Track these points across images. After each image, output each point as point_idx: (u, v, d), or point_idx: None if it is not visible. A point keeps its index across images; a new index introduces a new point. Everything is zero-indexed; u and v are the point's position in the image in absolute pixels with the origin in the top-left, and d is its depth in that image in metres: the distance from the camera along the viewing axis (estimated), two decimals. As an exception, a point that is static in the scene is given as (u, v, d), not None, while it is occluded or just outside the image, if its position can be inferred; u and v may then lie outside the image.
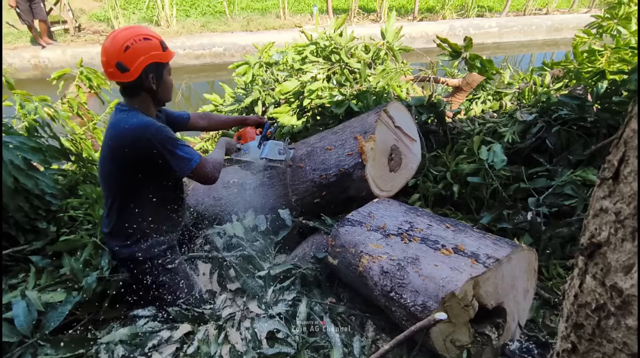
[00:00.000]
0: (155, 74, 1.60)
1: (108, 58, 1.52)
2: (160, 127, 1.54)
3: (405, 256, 1.59)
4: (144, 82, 1.58)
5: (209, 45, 8.30)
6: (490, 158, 2.41)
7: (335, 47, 3.20)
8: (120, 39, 1.50)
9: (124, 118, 1.55)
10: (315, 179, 2.25)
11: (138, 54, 1.52)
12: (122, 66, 1.50)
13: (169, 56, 1.63)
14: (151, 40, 1.55)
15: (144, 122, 1.53)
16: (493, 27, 10.40)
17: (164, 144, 1.52)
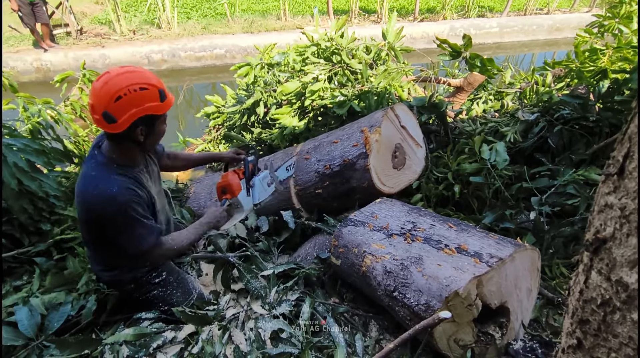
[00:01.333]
0: (146, 126, 1.44)
1: (95, 103, 1.35)
2: (120, 206, 1.40)
3: (408, 256, 1.60)
4: (130, 134, 1.41)
5: (210, 47, 8.33)
6: (492, 157, 2.41)
7: (337, 48, 3.21)
8: (114, 86, 1.33)
9: (93, 178, 1.43)
10: (320, 169, 2.27)
11: (130, 106, 1.35)
12: (109, 117, 1.34)
13: (166, 106, 1.46)
14: (148, 89, 1.37)
15: (107, 195, 1.39)
16: (494, 27, 10.40)
17: (117, 224, 1.42)
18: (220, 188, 1.85)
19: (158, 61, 8.19)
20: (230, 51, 8.40)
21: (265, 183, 2.03)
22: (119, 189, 1.41)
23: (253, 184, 1.95)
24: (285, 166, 2.28)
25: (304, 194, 2.35)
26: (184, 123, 6.91)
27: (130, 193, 1.45)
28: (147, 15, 9.62)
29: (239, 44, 8.40)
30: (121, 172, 1.47)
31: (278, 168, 2.23)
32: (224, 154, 2.05)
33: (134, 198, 1.46)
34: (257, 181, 1.97)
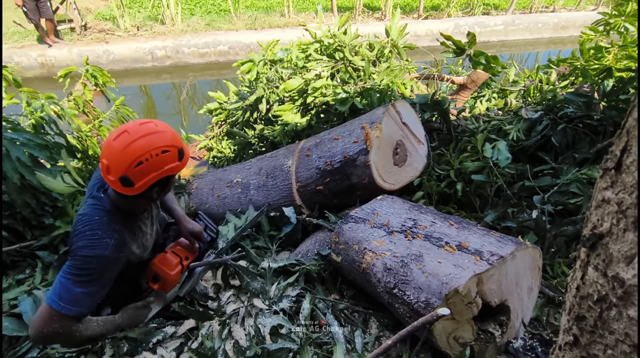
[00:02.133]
0: (162, 186, 1.38)
1: (112, 166, 1.26)
2: (102, 259, 1.30)
3: (408, 253, 1.59)
4: (145, 194, 1.34)
5: (213, 43, 8.33)
6: (494, 155, 2.40)
7: (339, 45, 3.20)
8: (135, 151, 1.24)
9: (96, 222, 1.34)
10: (320, 166, 2.27)
11: (150, 170, 1.28)
12: (127, 181, 1.27)
13: (183, 164, 1.38)
14: (169, 152, 1.30)
15: (100, 243, 1.31)
16: (499, 25, 10.34)
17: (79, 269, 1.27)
18: (153, 273, 1.57)
19: (161, 57, 8.20)
20: (234, 48, 8.41)
21: (203, 274, 1.84)
22: (113, 244, 1.34)
23: (191, 276, 1.77)
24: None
25: (304, 190, 2.35)
26: (187, 119, 6.92)
27: (120, 251, 1.37)
28: (151, 12, 9.63)
29: (243, 40, 8.39)
30: (123, 222, 1.41)
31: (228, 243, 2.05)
32: (183, 228, 1.74)
33: (118, 260, 1.37)
34: (197, 274, 1.78)
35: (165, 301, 1.68)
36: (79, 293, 1.26)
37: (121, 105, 3.17)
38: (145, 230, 1.55)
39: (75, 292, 1.26)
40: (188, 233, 1.73)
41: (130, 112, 3.19)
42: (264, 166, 2.58)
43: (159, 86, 8.22)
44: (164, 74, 8.32)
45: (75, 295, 1.26)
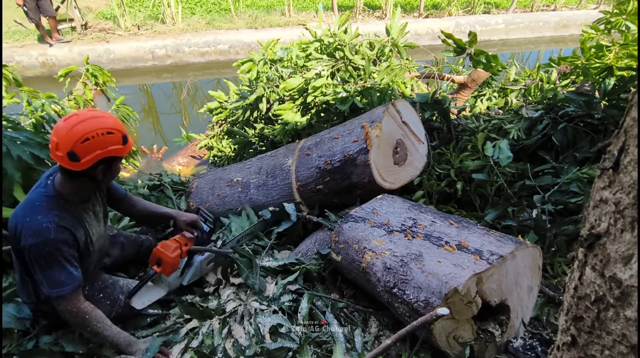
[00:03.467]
0: (106, 166, 1.53)
1: (61, 143, 1.41)
2: (49, 242, 1.42)
3: (408, 253, 1.59)
4: (89, 171, 1.49)
5: (214, 42, 8.32)
6: (495, 154, 2.39)
7: (340, 44, 3.20)
8: (82, 129, 1.41)
9: (35, 208, 1.46)
10: (320, 165, 2.27)
11: (95, 147, 1.43)
12: (74, 156, 1.42)
13: (127, 149, 1.55)
14: (114, 134, 1.47)
15: (39, 228, 1.42)
16: (500, 23, 10.31)
17: (40, 259, 1.42)
18: (156, 258, 1.72)
19: (162, 56, 8.20)
20: (234, 47, 8.40)
21: (205, 262, 1.89)
22: (54, 227, 1.45)
23: (192, 264, 1.84)
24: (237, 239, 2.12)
25: (305, 190, 2.35)
26: (187, 118, 6.91)
27: (64, 233, 1.47)
28: (151, 11, 9.62)
29: (243, 39, 8.38)
30: (65, 207, 1.52)
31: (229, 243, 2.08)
32: (180, 220, 1.92)
33: (67, 239, 1.48)
34: (197, 262, 1.84)
35: (168, 289, 1.79)
36: (56, 276, 1.44)
37: (121, 104, 3.17)
38: (91, 222, 1.65)
39: (54, 277, 1.43)
40: (185, 224, 1.91)
41: (131, 112, 3.19)
42: (264, 165, 2.58)
43: (159, 85, 8.22)
44: (165, 73, 8.31)
45: (55, 279, 1.44)
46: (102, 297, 1.72)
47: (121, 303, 1.73)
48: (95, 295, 1.71)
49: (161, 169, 4.66)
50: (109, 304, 1.72)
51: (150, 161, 4.96)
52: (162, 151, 5.10)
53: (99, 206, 1.75)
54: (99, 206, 1.74)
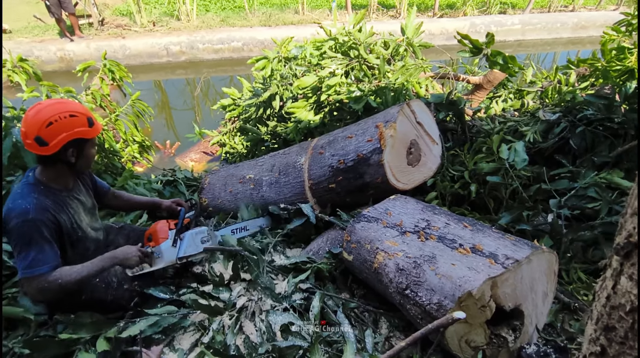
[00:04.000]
0: (77, 149, 1.58)
1: (28, 130, 1.49)
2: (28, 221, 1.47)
3: (421, 254, 1.58)
4: (61, 156, 1.55)
5: (228, 40, 8.36)
6: (510, 157, 2.36)
7: (354, 43, 3.18)
8: (45, 113, 1.48)
9: (16, 194, 1.53)
10: (333, 164, 2.26)
11: (60, 130, 1.49)
12: (41, 140, 1.48)
13: (95, 131, 1.60)
14: (77, 117, 1.53)
15: (19, 209, 1.48)
16: (516, 24, 10.17)
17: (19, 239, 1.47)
18: (147, 235, 1.87)
19: (176, 52, 8.27)
20: (248, 44, 8.43)
21: (198, 238, 1.94)
22: (33, 207, 1.50)
23: (183, 238, 1.90)
24: (230, 229, 2.22)
25: (317, 188, 2.35)
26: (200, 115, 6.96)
27: (43, 214, 1.52)
28: (167, 7, 9.71)
29: (257, 37, 8.41)
30: (45, 193, 1.57)
31: (221, 228, 2.19)
32: (164, 202, 2.09)
33: (46, 220, 1.52)
34: (188, 235, 1.91)
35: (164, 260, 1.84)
36: (33, 255, 1.47)
37: (137, 99, 3.20)
38: (76, 210, 1.70)
39: (30, 256, 1.47)
40: (168, 203, 2.08)
41: (146, 107, 3.23)
42: (277, 163, 2.58)
43: (172, 81, 8.29)
44: (179, 69, 8.39)
45: (31, 258, 1.47)
46: (97, 281, 1.74)
47: (115, 286, 1.76)
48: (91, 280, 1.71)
49: (174, 164, 4.71)
50: (103, 287, 1.75)
51: (163, 157, 5.01)
52: (175, 147, 5.14)
53: (85, 196, 1.79)
54: (84, 196, 1.79)
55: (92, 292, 1.71)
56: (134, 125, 3.23)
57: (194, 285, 1.91)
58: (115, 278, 1.77)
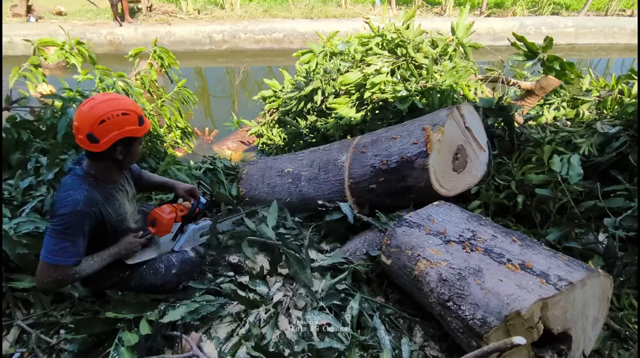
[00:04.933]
0: (125, 146, 1.59)
1: (80, 125, 1.49)
2: (75, 213, 1.48)
3: (466, 266, 1.52)
4: (110, 153, 1.56)
5: (269, 30, 8.41)
6: (563, 170, 2.24)
7: (402, 41, 3.10)
8: (98, 110, 1.48)
9: (68, 185, 1.55)
10: (376, 164, 2.23)
11: (112, 128, 1.50)
12: (93, 137, 1.49)
13: (144, 130, 1.61)
14: (129, 115, 1.54)
15: (71, 199, 1.49)
16: (569, 26, 9.64)
17: (61, 226, 1.47)
18: (151, 218, 1.82)
19: (219, 40, 8.40)
20: (289, 36, 8.44)
21: (198, 233, 1.96)
22: (83, 199, 1.51)
23: (185, 231, 1.90)
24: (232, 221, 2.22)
25: (357, 188, 2.32)
26: (237, 104, 7.05)
27: (91, 207, 1.54)
28: (212, -4, 9.86)
29: (298, 29, 8.40)
30: (94, 186, 1.59)
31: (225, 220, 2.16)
32: (179, 188, 2.03)
33: (92, 213, 1.54)
34: (191, 230, 1.91)
35: (159, 251, 1.84)
36: (66, 245, 1.47)
37: (183, 87, 3.26)
38: (121, 201, 1.72)
39: (63, 245, 1.47)
40: (183, 191, 2.00)
41: (191, 94, 3.29)
42: (317, 159, 2.57)
43: (212, 69, 8.43)
44: (220, 57, 8.52)
45: (63, 247, 1.47)
46: (145, 268, 1.80)
47: (163, 272, 1.81)
48: (139, 267, 1.79)
49: (211, 151, 4.80)
50: (152, 273, 1.80)
51: (201, 143, 5.11)
52: (214, 134, 5.24)
53: (128, 186, 1.82)
54: (128, 186, 1.81)
55: (141, 279, 1.77)
56: (179, 111, 3.30)
57: (230, 273, 1.95)
58: (162, 265, 1.82)
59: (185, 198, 1.99)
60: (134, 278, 1.78)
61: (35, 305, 1.79)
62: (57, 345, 1.57)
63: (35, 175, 2.43)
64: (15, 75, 2.94)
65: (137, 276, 1.78)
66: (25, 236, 1.90)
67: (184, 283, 1.84)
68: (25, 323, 1.68)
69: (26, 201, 2.27)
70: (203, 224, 1.97)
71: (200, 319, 1.56)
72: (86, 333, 1.46)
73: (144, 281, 1.78)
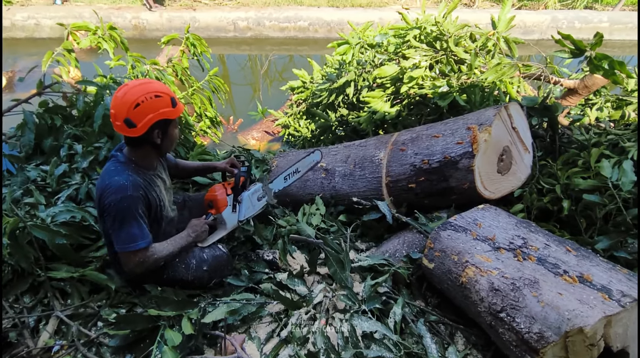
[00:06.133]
0: (162, 129, 1.62)
1: (117, 112, 1.53)
2: (126, 197, 1.53)
3: (520, 276, 1.45)
4: (149, 137, 1.59)
5: (294, 18, 8.28)
6: (614, 175, 2.13)
7: (442, 34, 2.98)
8: (132, 95, 1.51)
9: (111, 172, 1.59)
10: (416, 163, 2.15)
11: (147, 111, 1.53)
12: (130, 122, 1.52)
13: (178, 111, 1.63)
14: (162, 97, 1.56)
15: (118, 185, 1.54)
16: (604, 21, 9.24)
17: (118, 214, 1.52)
18: (207, 202, 1.90)
19: (243, 28, 8.31)
20: (314, 24, 8.30)
21: (254, 197, 2.04)
22: (131, 184, 1.56)
23: (241, 200, 1.97)
24: (283, 176, 2.29)
25: (394, 186, 2.25)
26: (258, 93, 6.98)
27: (138, 191, 1.59)
28: (236, -18, 9.73)
29: (324, 17, 8.25)
30: (137, 171, 1.64)
31: (275, 179, 2.24)
32: (219, 164, 2.13)
33: (142, 197, 1.60)
34: (246, 197, 1.99)
35: (227, 227, 1.93)
36: (133, 230, 1.54)
37: (214, 75, 3.22)
38: (160, 186, 1.76)
39: (130, 231, 1.53)
40: (225, 165, 2.11)
41: (222, 83, 3.24)
42: (352, 155, 2.51)
43: (235, 56, 8.36)
44: (244, 45, 8.44)
45: (131, 233, 1.54)
46: (177, 261, 1.79)
47: (194, 267, 1.79)
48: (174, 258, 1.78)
49: (236, 141, 4.77)
50: (183, 268, 1.79)
51: (226, 132, 5.09)
52: (238, 124, 5.21)
53: (165, 175, 1.85)
54: (165, 175, 1.85)
55: (173, 272, 1.76)
56: (209, 100, 3.26)
57: (266, 270, 1.92)
58: (194, 260, 1.80)
59: (228, 170, 2.10)
60: (167, 269, 1.77)
61: (72, 295, 1.79)
62: (96, 338, 1.56)
63: (69, 162, 2.43)
64: (48, 59, 2.93)
65: (170, 268, 1.77)
66: (63, 225, 1.91)
67: (215, 280, 1.83)
68: (64, 314, 1.68)
69: (60, 189, 2.27)
70: (254, 188, 2.05)
71: (241, 319, 1.53)
72: (127, 329, 1.44)
73: (176, 274, 1.78)
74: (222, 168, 2.12)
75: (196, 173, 2.29)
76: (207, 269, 1.79)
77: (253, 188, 2.06)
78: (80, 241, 1.91)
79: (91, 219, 2.02)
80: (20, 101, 2.77)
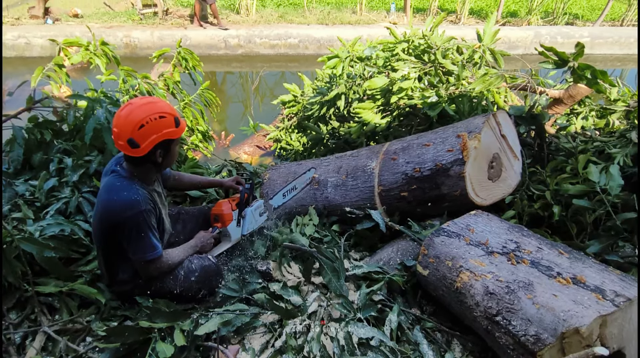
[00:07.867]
0: (164, 149, 1.63)
1: (120, 131, 1.53)
2: (141, 212, 1.57)
3: (515, 279, 1.46)
4: (150, 156, 1.60)
5: (284, 36, 8.43)
6: (602, 180, 2.16)
7: (429, 46, 3.06)
8: (137, 115, 1.51)
9: (118, 187, 1.60)
10: (408, 171, 2.17)
11: (151, 132, 1.53)
12: (134, 143, 1.52)
13: (180, 131, 1.64)
14: (166, 118, 1.57)
15: (130, 201, 1.56)
16: (585, 36, 9.57)
17: (134, 228, 1.56)
18: (213, 216, 2.01)
19: (234, 45, 8.43)
20: (304, 41, 8.45)
21: (257, 213, 2.17)
22: (142, 198, 1.59)
23: (245, 215, 2.09)
24: (282, 193, 2.40)
25: (387, 195, 2.26)
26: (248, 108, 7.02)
27: (149, 204, 1.63)
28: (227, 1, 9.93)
29: (313, 34, 8.41)
30: (142, 186, 1.66)
31: (274, 196, 2.37)
32: (225, 182, 2.21)
33: (152, 209, 1.64)
34: (249, 213, 2.11)
35: (231, 240, 2.04)
36: (149, 241, 1.60)
37: (206, 89, 3.24)
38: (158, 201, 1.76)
39: (147, 242, 1.59)
40: (231, 182, 2.20)
41: (214, 97, 3.26)
42: (344, 165, 2.51)
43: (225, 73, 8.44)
44: (235, 62, 8.55)
45: (148, 243, 1.60)
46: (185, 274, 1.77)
47: (182, 278, 1.77)
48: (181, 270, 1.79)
49: (228, 156, 4.77)
50: (171, 279, 1.76)
51: (217, 147, 5.09)
52: (230, 138, 5.22)
53: (160, 188, 1.87)
54: (160, 188, 1.86)
55: (161, 283, 1.74)
56: (201, 114, 3.27)
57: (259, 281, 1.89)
58: (182, 271, 1.78)
59: (234, 187, 2.19)
60: (154, 281, 1.74)
61: (60, 310, 1.74)
62: (85, 353, 1.52)
63: (58, 176, 2.40)
64: (38, 75, 2.93)
65: (158, 280, 1.74)
66: (52, 238, 1.87)
67: (203, 291, 1.80)
68: (52, 330, 1.63)
69: (50, 203, 2.23)
70: (256, 204, 2.17)
71: (235, 330, 1.50)
72: (118, 342, 1.40)
73: (164, 286, 1.75)
74: (228, 185, 2.20)
75: (199, 187, 2.32)
76: (195, 280, 1.76)
77: (255, 204, 2.17)
78: (70, 255, 1.87)
79: (81, 233, 1.99)
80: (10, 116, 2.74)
